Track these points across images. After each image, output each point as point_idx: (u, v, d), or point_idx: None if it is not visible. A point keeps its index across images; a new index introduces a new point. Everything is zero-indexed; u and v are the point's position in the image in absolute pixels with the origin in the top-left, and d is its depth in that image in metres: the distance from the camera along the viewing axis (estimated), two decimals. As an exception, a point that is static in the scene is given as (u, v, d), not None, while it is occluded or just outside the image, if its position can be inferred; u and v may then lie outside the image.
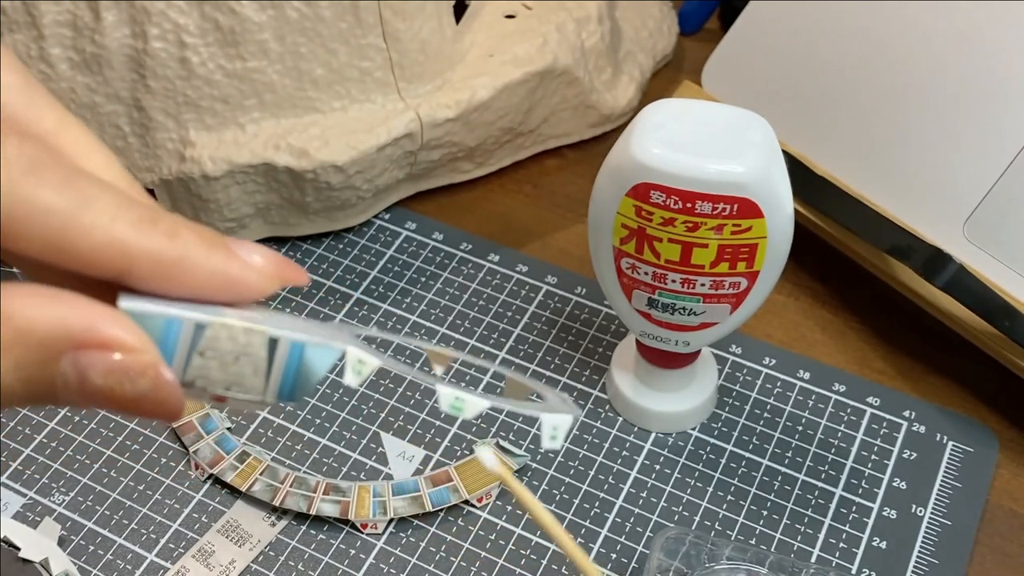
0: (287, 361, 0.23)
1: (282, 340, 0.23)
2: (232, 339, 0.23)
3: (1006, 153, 0.46)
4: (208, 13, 0.48)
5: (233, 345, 0.23)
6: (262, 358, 0.23)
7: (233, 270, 0.23)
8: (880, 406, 0.48)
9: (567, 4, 0.56)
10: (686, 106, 0.41)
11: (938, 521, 0.44)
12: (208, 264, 0.23)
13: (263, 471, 0.45)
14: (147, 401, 0.22)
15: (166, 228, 0.22)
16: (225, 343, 0.23)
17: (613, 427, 0.47)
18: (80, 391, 0.22)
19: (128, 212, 0.22)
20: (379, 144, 0.50)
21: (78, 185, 0.21)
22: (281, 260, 0.24)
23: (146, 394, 0.22)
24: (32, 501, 0.45)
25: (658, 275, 0.41)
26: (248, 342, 0.23)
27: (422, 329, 0.51)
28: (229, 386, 0.23)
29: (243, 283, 0.23)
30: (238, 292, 0.23)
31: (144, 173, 0.50)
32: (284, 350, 0.23)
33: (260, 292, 0.24)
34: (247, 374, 0.23)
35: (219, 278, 0.23)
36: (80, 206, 0.21)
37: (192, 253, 0.23)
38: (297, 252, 0.54)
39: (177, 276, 0.22)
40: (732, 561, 0.41)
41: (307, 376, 0.24)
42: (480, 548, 0.44)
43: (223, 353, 0.23)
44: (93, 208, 0.21)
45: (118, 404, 0.22)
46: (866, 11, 0.50)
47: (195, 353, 0.23)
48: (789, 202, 0.40)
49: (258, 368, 0.23)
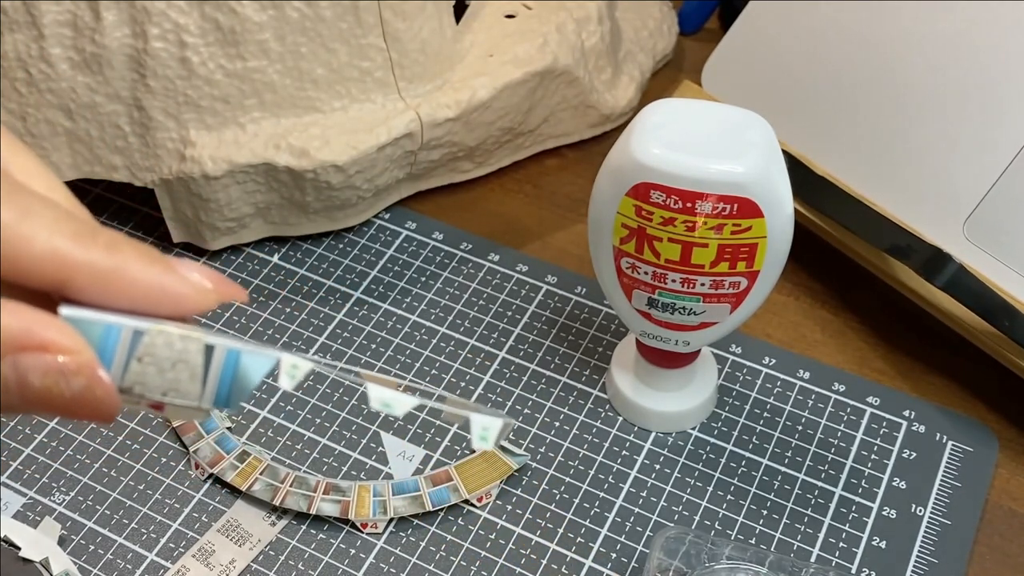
0: (223, 367, 0.24)
1: (218, 347, 0.24)
2: (169, 345, 0.24)
3: (1006, 153, 0.46)
4: (208, 13, 0.48)
5: (170, 351, 0.24)
6: (199, 364, 0.24)
7: (170, 284, 0.24)
8: (880, 406, 0.48)
9: (567, 4, 0.56)
10: (686, 106, 0.41)
11: (938, 521, 0.44)
12: (145, 277, 0.24)
13: (263, 471, 0.45)
14: (83, 401, 0.23)
15: (105, 241, 0.24)
16: (162, 349, 0.24)
17: (613, 427, 0.47)
18: (20, 393, 0.23)
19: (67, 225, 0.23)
20: (379, 144, 0.50)
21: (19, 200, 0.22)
22: (219, 277, 0.25)
23: (82, 394, 0.23)
24: (32, 500, 0.45)
25: (658, 275, 0.41)
26: (185, 348, 0.24)
27: (422, 329, 0.51)
28: (166, 392, 0.24)
29: (181, 296, 0.24)
30: (176, 305, 0.24)
31: (144, 173, 0.50)
32: (220, 357, 0.24)
33: (198, 306, 0.25)
34: (184, 380, 0.24)
35: (157, 291, 0.24)
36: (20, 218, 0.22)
37: (130, 266, 0.24)
38: (297, 252, 0.54)
39: (115, 287, 0.23)
40: (732, 560, 0.41)
41: (243, 382, 0.24)
42: (480, 548, 0.44)
43: (160, 359, 0.24)
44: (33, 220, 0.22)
45: (56, 405, 0.23)
46: (866, 11, 0.50)
47: (133, 359, 0.24)
48: (789, 202, 0.40)
49: (195, 374, 0.24)
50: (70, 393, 0.23)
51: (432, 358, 0.50)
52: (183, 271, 0.25)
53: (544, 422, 0.47)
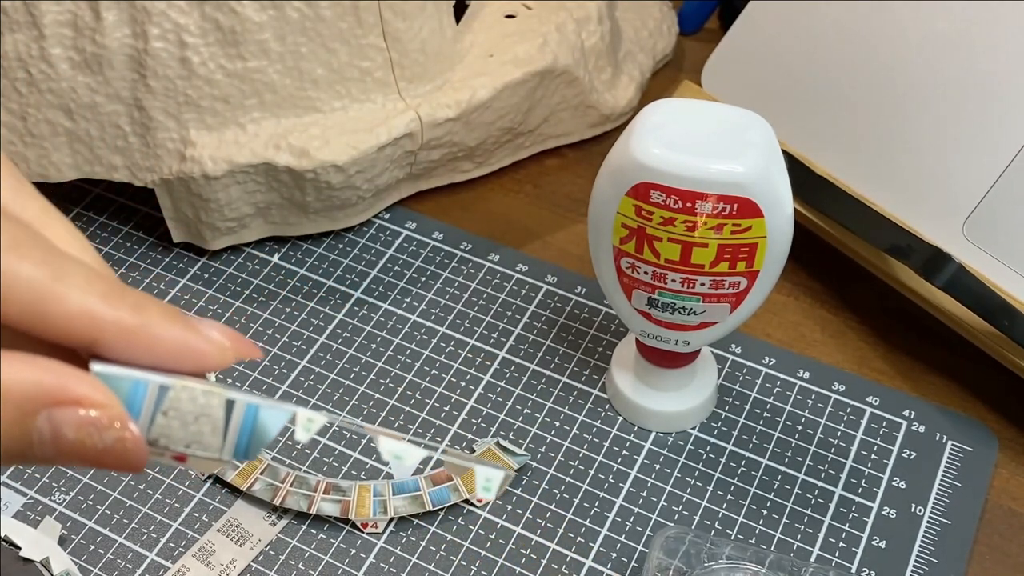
0: (243, 421, 0.25)
1: (238, 402, 0.25)
2: (192, 400, 0.25)
3: (1005, 153, 0.46)
4: (209, 13, 0.48)
5: (193, 406, 0.25)
6: (220, 418, 0.25)
7: (192, 341, 0.25)
8: (880, 405, 0.48)
9: (567, 4, 0.56)
10: (686, 106, 0.41)
11: (937, 520, 0.44)
12: (169, 335, 0.25)
13: (263, 470, 0.45)
14: (114, 453, 0.24)
15: (132, 301, 0.25)
16: (186, 404, 0.25)
17: (613, 427, 0.47)
18: (54, 445, 0.24)
19: (98, 285, 0.24)
20: (379, 144, 0.50)
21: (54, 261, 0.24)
22: (236, 336, 0.27)
23: (113, 446, 0.24)
24: (33, 500, 0.45)
25: (658, 275, 0.41)
26: (207, 403, 0.25)
27: (422, 329, 0.51)
28: (189, 444, 0.25)
29: (201, 353, 0.26)
30: (197, 362, 0.26)
31: (145, 173, 0.50)
32: (240, 411, 0.25)
33: (217, 363, 0.26)
34: (206, 433, 0.25)
35: (180, 348, 0.25)
36: (55, 279, 0.24)
37: (155, 323, 0.25)
38: (297, 252, 0.54)
39: (141, 344, 0.25)
40: (732, 560, 0.41)
41: (261, 435, 0.25)
42: (480, 547, 0.44)
43: (184, 413, 0.25)
44: (66, 280, 0.24)
45: (88, 457, 0.24)
46: (866, 11, 0.50)
47: (159, 413, 0.25)
48: (789, 202, 0.40)
49: (216, 427, 0.25)
50: (102, 445, 0.24)
51: (432, 358, 0.50)
52: (204, 330, 0.26)
53: (544, 422, 0.48)
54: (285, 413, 0.26)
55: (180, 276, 0.53)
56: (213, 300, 0.52)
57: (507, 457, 0.46)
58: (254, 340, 0.50)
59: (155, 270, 0.53)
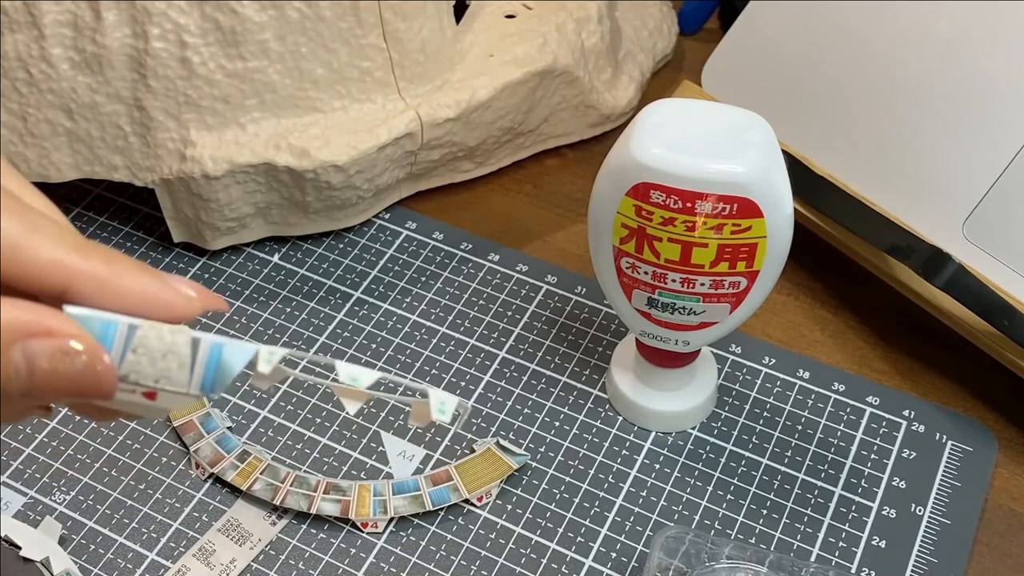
0: (208, 358, 0.27)
1: (203, 340, 0.27)
2: (160, 338, 0.27)
3: (1005, 153, 0.46)
4: (209, 13, 0.48)
5: (161, 344, 0.27)
6: (186, 355, 0.27)
7: (161, 290, 0.27)
8: (879, 405, 0.48)
9: (567, 4, 0.56)
10: (686, 106, 0.41)
11: (937, 520, 0.44)
12: (139, 285, 0.27)
13: (264, 470, 0.45)
14: (86, 378, 0.26)
15: (103, 254, 0.27)
16: (154, 342, 0.27)
17: (613, 426, 0.47)
18: (28, 376, 0.26)
19: (70, 239, 0.27)
20: (379, 144, 0.50)
21: (29, 217, 0.26)
22: (203, 289, 0.29)
23: (85, 371, 0.26)
24: (33, 500, 0.45)
25: (658, 275, 0.41)
26: (174, 341, 0.27)
27: (422, 329, 0.51)
28: (158, 379, 0.27)
29: (170, 302, 0.27)
30: (166, 310, 0.27)
31: (145, 173, 0.50)
32: (205, 348, 0.27)
33: (184, 311, 0.28)
34: (173, 368, 0.27)
35: (149, 296, 0.27)
36: (29, 231, 0.26)
37: (126, 273, 0.27)
38: (297, 252, 0.54)
39: (112, 292, 0.27)
40: (732, 560, 0.41)
41: (225, 370, 0.27)
42: (480, 547, 0.44)
43: (153, 350, 0.27)
44: (40, 233, 0.26)
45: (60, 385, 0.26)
46: (865, 11, 0.50)
47: (129, 350, 0.27)
48: (789, 202, 0.40)
49: (183, 363, 0.27)
50: (74, 371, 0.26)
51: (432, 358, 0.50)
52: (173, 282, 0.28)
53: (544, 422, 0.48)
54: (247, 351, 0.27)
55: (180, 276, 0.53)
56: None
57: (507, 457, 0.46)
58: (254, 340, 0.50)
59: (155, 270, 0.53)
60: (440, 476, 0.45)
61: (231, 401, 0.48)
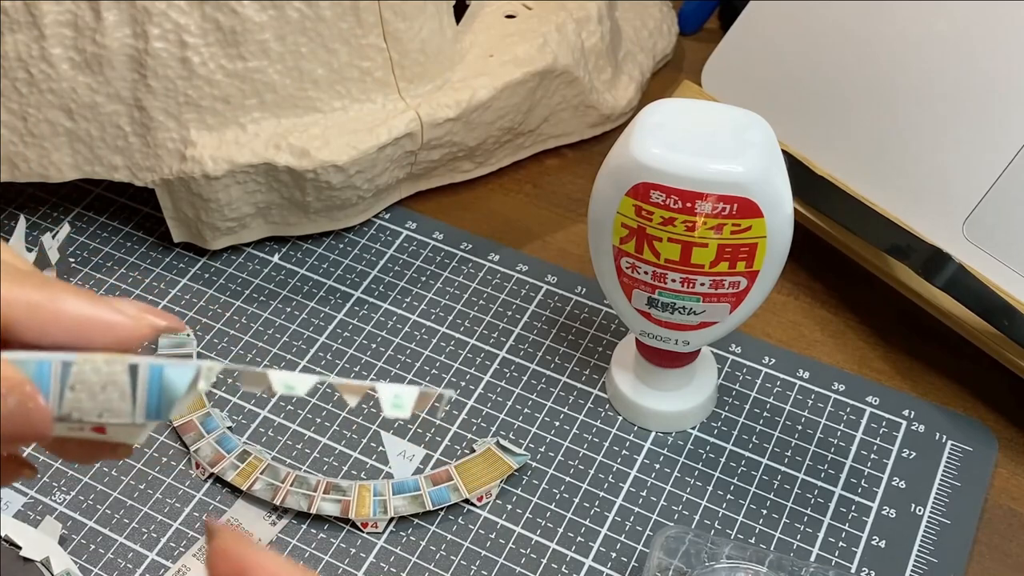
0: (149, 383, 0.26)
1: (141, 365, 0.26)
2: (96, 371, 0.26)
3: (1005, 153, 0.46)
4: (209, 13, 0.48)
5: (98, 376, 0.26)
6: (126, 383, 0.26)
7: (101, 313, 0.26)
8: (879, 405, 0.48)
9: (567, 4, 0.56)
10: (686, 106, 0.41)
11: (937, 520, 0.44)
12: (74, 308, 0.26)
13: (264, 470, 0.45)
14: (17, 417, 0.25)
15: (38, 280, 0.26)
16: (91, 375, 0.26)
17: (613, 426, 0.47)
18: None
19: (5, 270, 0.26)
20: (379, 144, 0.50)
21: None
22: (154, 310, 0.28)
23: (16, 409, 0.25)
24: (33, 500, 0.45)
25: (658, 275, 0.41)
26: (111, 371, 0.26)
27: (422, 329, 0.51)
28: (101, 413, 0.26)
29: (111, 323, 0.26)
30: (107, 332, 0.26)
31: (145, 172, 0.50)
32: (144, 374, 0.26)
33: (132, 333, 0.27)
34: (115, 399, 0.26)
35: (87, 318, 0.26)
36: None
37: (61, 298, 0.26)
38: (297, 252, 0.54)
39: (47, 317, 0.26)
40: (732, 560, 0.41)
41: (170, 393, 0.26)
42: (480, 547, 0.44)
43: (91, 384, 0.26)
44: None
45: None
46: (865, 12, 0.50)
47: (67, 388, 0.25)
48: (789, 202, 0.40)
49: (124, 393, 0.26)
50: (6, 411, 0.25)
51: (432, 358, 0.50)
52: (115, 303, 0.27)
53: (544, 422, 0.48)
54: (190, 368, 0.26)
55: (180, 276, 0.53)
56: (213, 300, 0.52)
57: (507, 457, 0.46)
58: (254, 340, 0.50)
59: (155, 270, 0.53)
60: (440, 476, 0.45)
61: (231, 401, 0.48)
